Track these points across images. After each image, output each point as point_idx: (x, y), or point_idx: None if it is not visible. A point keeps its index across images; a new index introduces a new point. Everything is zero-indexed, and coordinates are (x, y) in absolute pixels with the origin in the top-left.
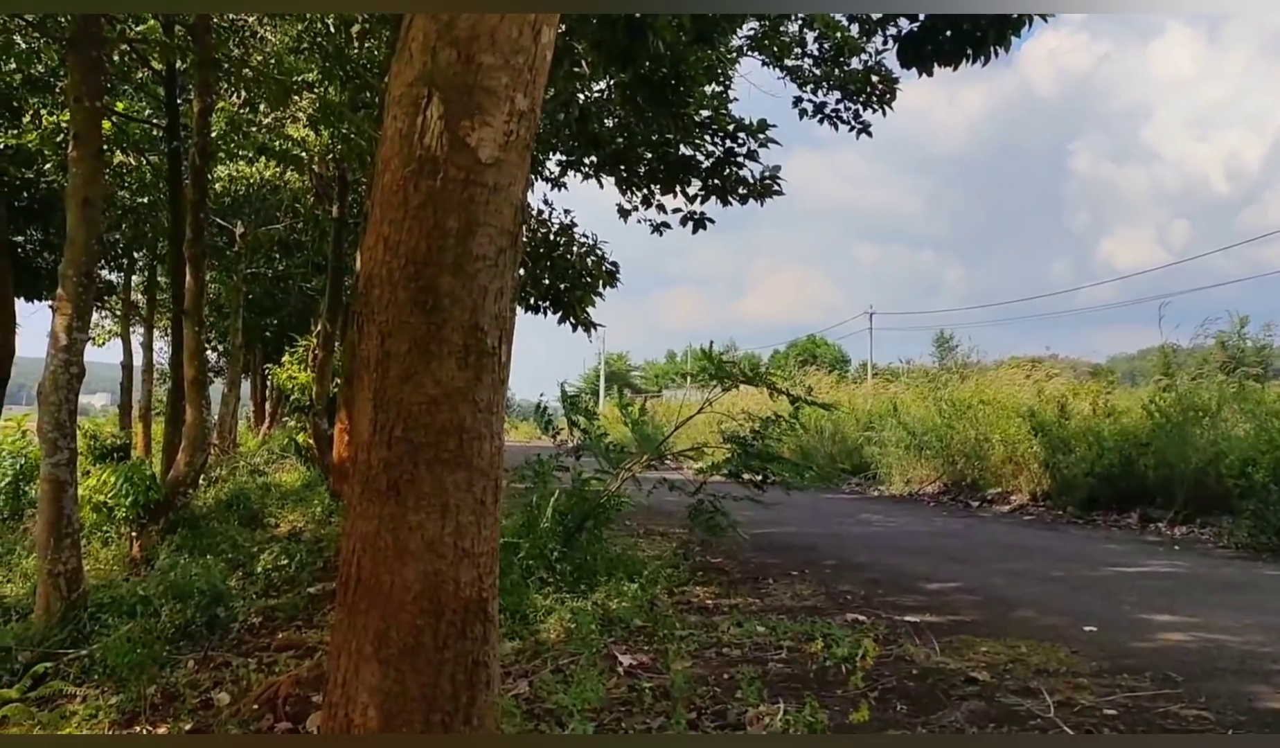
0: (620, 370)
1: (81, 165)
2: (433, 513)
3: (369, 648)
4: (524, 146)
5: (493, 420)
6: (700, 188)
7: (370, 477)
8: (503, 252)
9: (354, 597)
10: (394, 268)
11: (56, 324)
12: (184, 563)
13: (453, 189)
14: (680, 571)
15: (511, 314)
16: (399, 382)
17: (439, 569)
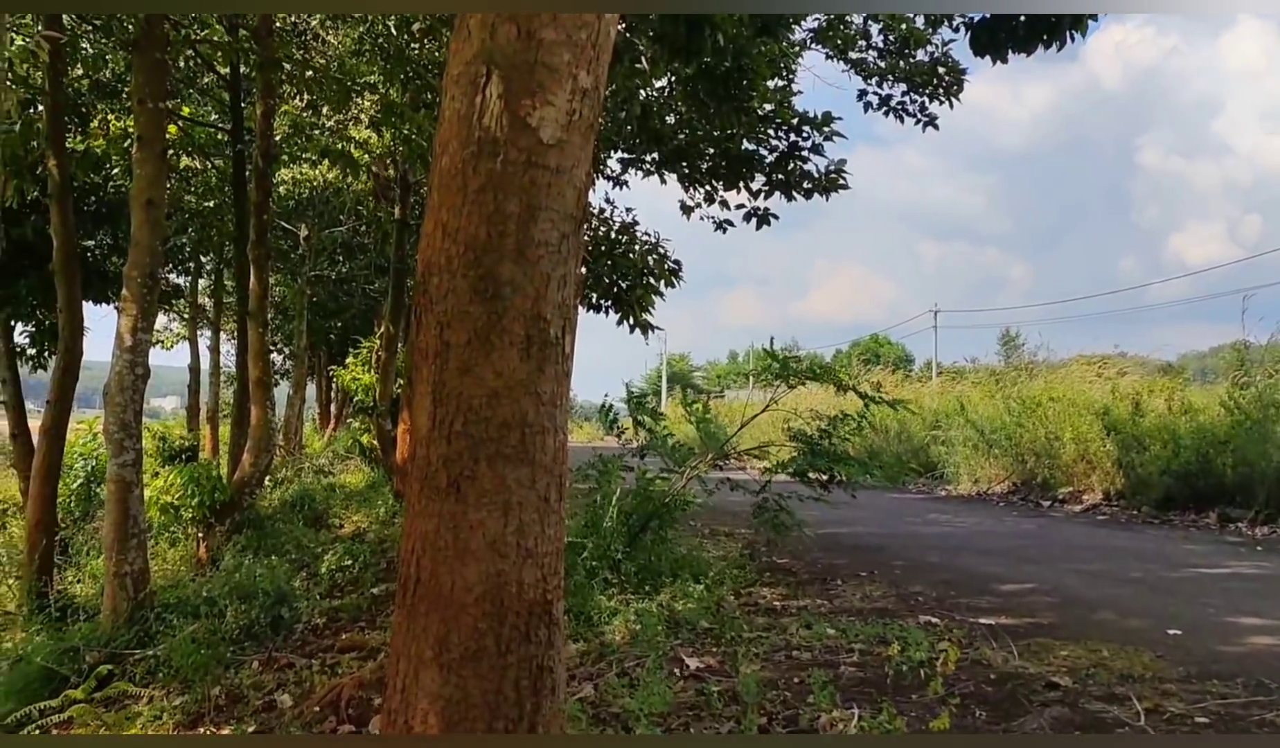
0: (682, 371)
1: (145, 167)
2: (494, 511)
3: (429, 652)
4: (587, 127)
5: (556, 414)
6: (764, 183)
7: (429, 473)
8: (566, 237)
9: (413, 599)
10: (453, 255)
11: (122, 325)
12: (249, 564)
13: (513, 172)
14: (746, 571)
15: (575, 304)
16: (458, 374)
17: (501, 570)
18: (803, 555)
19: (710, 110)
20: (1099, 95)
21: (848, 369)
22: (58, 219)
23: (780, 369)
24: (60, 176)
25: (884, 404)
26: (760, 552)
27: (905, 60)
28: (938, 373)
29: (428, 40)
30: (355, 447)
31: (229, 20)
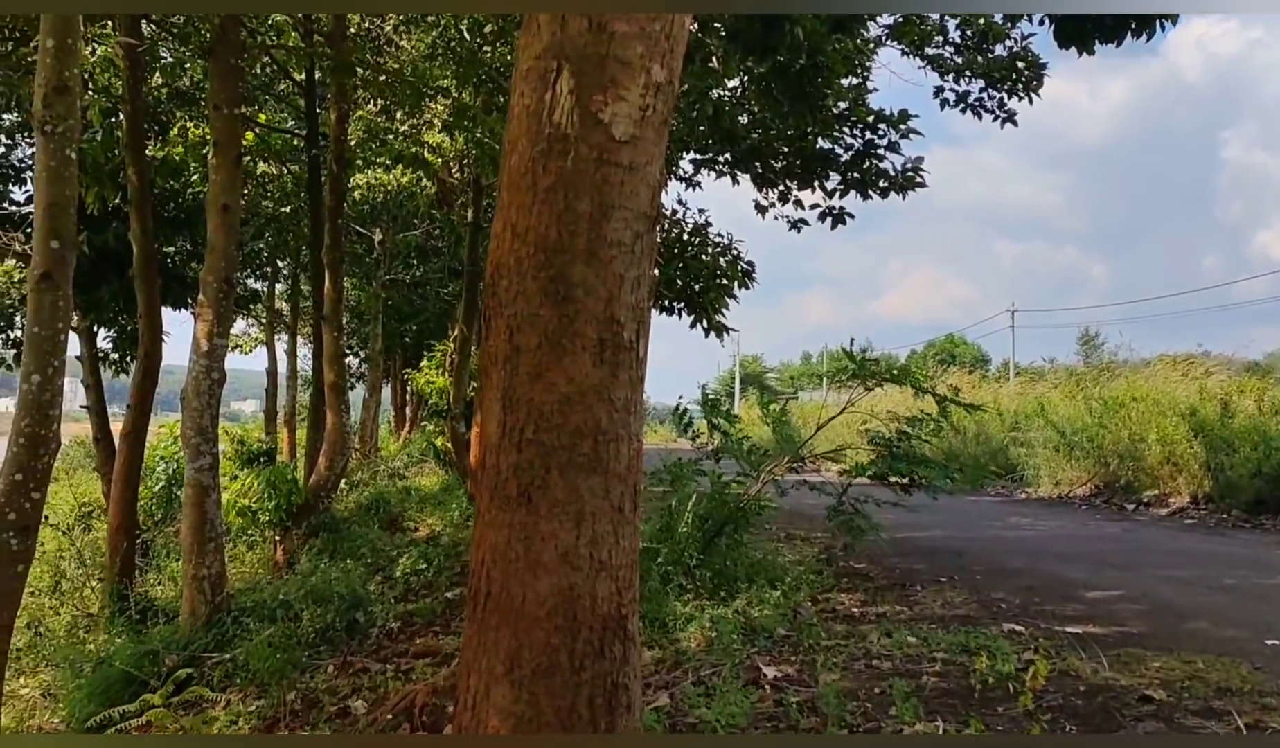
0: (755, 373)
1: (221, 172)
2: (566, 522)
3: (500, 668)
4: (661, 123)
5: (630, 421)
6: (839, 182)
7: (499, 482)
8: (639, 237)
9: (484, 612)
10: (522, 256)
11: (198, 330)
12: (324, 567)
13: (585, 169)
14: (824, 576)
15: (649, 306)
16: (529, 379)
17: (574, 583)
18: (880, 560)
19: (784, 109)
20: (1180, 89)
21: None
22: (137, 226)
23: (857, 370)
24: (139, 183)
25: (961, 406)
26: (837, 556)
27: (983, 55)
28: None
29: (500, 43)
30: (429, 450)
31: (304, 26)
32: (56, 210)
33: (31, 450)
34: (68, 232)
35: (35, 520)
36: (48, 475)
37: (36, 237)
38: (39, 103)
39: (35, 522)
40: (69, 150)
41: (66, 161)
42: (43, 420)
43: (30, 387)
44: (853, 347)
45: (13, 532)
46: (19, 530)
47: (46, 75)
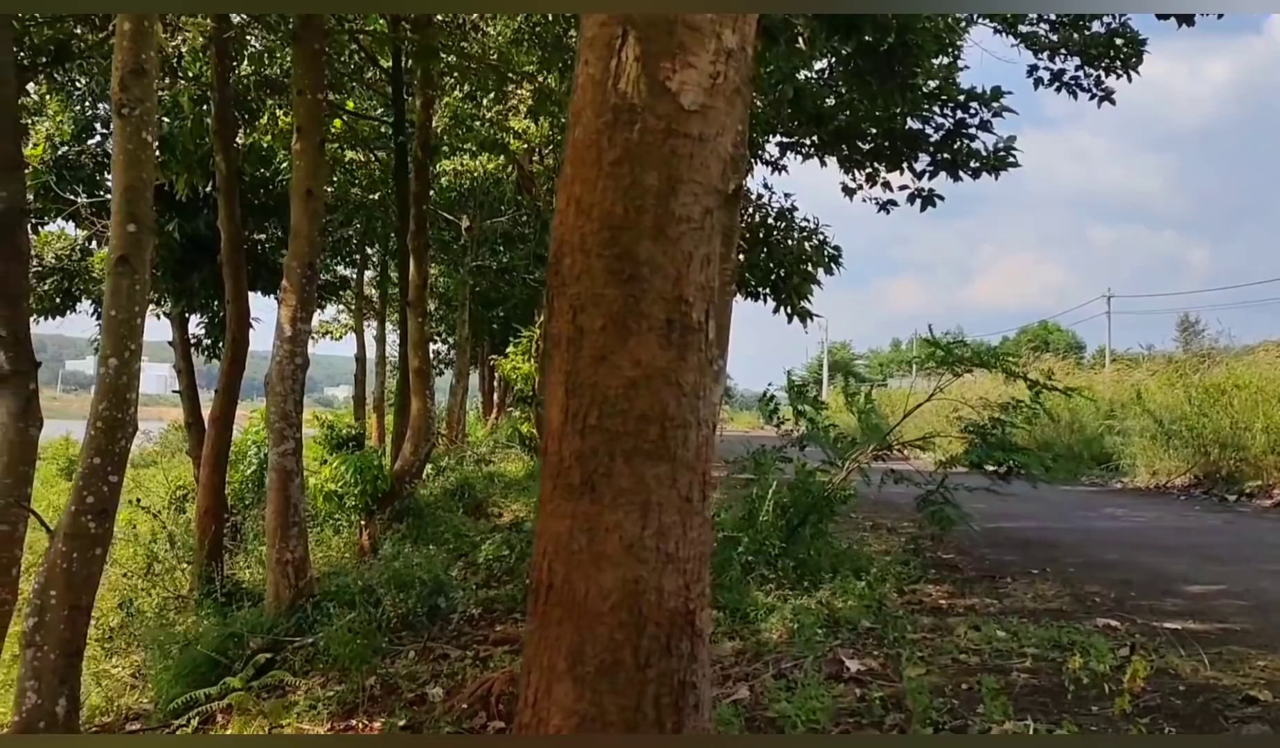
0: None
1: (304, 157)
2: (632, 512)
3: (562, 664)
4: (733, 92)
5: (699, 406)
6: (928, 163)
7: (561, 471)
8: (709, 212)
9: (545, 606)
10: (586, 233)
11: (282, 315)
12: (407, 552)
13: (652, 141)
14: (910, 567)
15: (724, 287)
16: (593, 362)
17: (639, 576)
18: (970, 551)
19: (872, 89)
20: None
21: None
22: (224, 212)
23: (944, 356)
24: (227, 170)
25: (1055, 391)
26: (925, 547)
27: (1080, 32)
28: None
29: None
30: (515, 435)
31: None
32: (133, 194)
33: (109, 434)
34: (145, 215)
35: (113, 504)
36: (125, 459)
37: (114, 220)
38: (116, 85)
39: (113, 505)
40: (146, 133)
41: (144, 145)
42: (120, 404)
43: (107, 370)
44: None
45: (91, 515)
46: (97, 514)
47: (123, 58)
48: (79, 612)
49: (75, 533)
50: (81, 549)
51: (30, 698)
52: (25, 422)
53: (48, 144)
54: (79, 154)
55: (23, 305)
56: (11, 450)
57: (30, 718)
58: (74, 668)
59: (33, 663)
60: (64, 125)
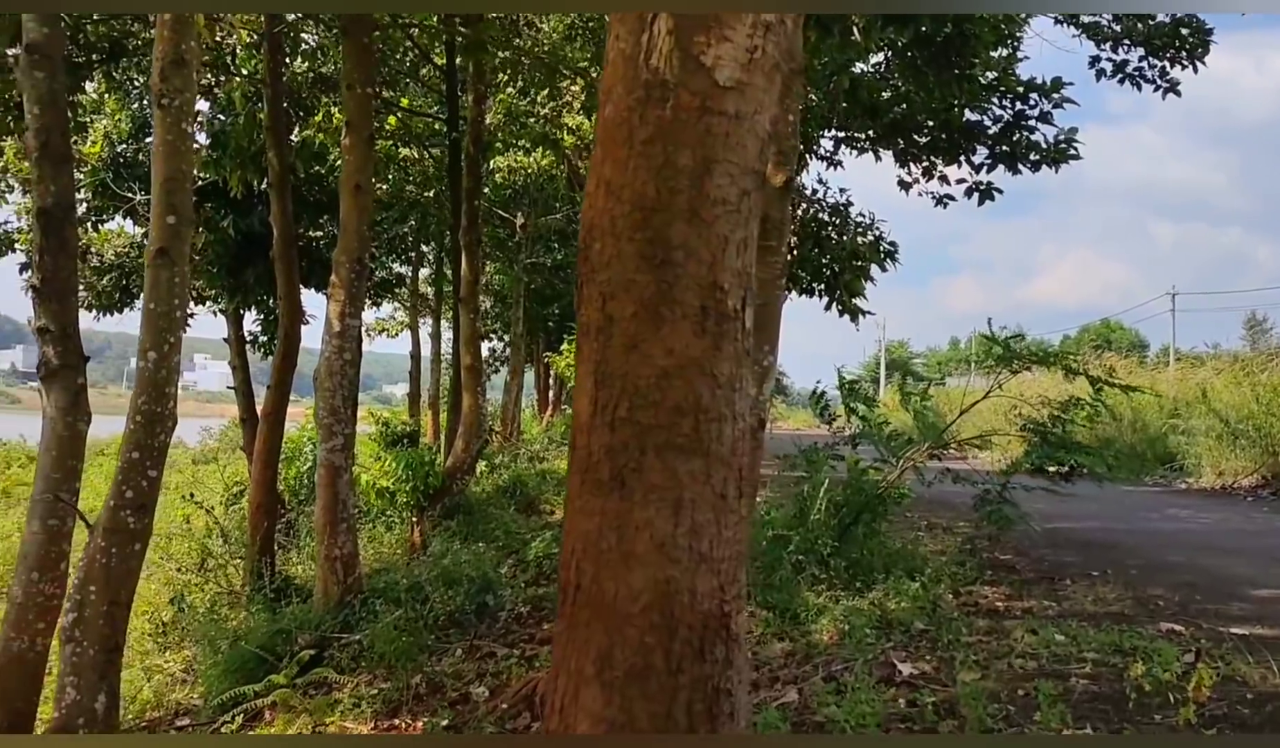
0: (901, 358)
1: (354, 152)
2: (663, 509)
3: (590, 669)
4: (772, 67)
5: (735, 399)
6: (986, 156)
7: (590, 465)
8: (746, 194)
9: (573, 608)
10: (617, 216)
11: (330, 311)
12: (455, 549)
13: (685, 119)
14: (966, 568)
15: (775, 281)
16: (623, 352)
17: (671, 576)
18: (1028, 552)
19: (929, 81)
20: None
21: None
22: (277, 208)
23: (1002, 354)
24: (279, 166)
25: (1117, 388)
26: (981, 547)
27: (1144, 21)
28: (1175, 359)
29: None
30: (568, 433)
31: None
32: (173, 185)
33: (148, 429)
34: (185, 207)
35: (152, 499)
36: (164, 454)
37: (154, 212)
38: (156, 76)
39: (152, 501)
40: (186, 124)
41: (184, 136)
42: (159, 398)
43: (147, 364)
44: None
45: (130, 510)
46: (136, 509)
47: (164, 48)
48: (118, 607)
49: (114, 528)
50: (120, 545)
51: (70, 694)
52: (74, 416)
53: (105, 142)
54: (136, 151)
55: (71, 300)
56: (60, 445)
57: (70, 714)
58: (113, 664)
59: (72, 659)
60: (121, 123)
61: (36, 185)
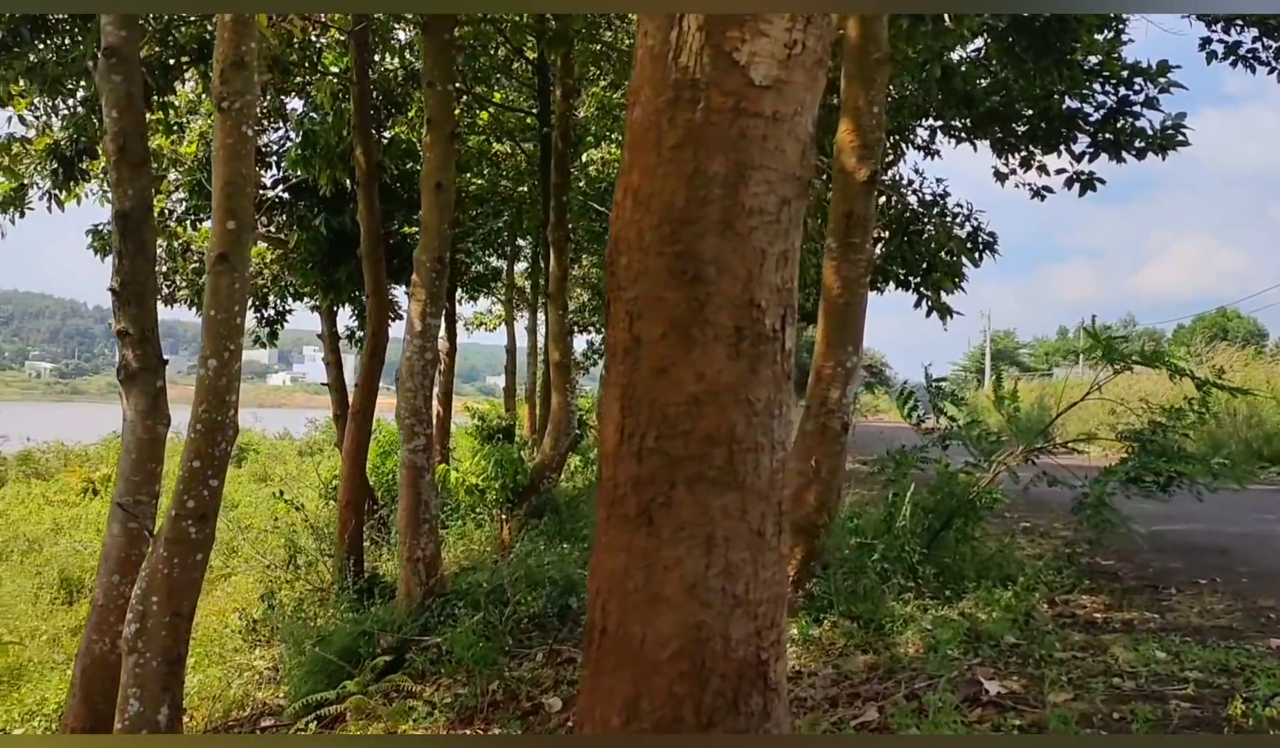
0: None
1: (434, 149)
2: (694, 547)
3: (616, 719)
4: (814, 63)
5: (774, 427)
6: (1088, 144)
7: (616, 499)
8: (786, 203)
9: (599, 652)
10: (645, 228)
11: (411, 310)
12: (540, 549)
13: (718, 122)
14: (1064, 576)
15: (859, 280)
16: (651, 376)
17: (703, 621)
18: (1131, 557)
19: (1027, 67)
20: None
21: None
22: (364, 206)
23: (1105, 351)
24: (366, 164)
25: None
26: (1081, 552)
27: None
28: None
29: None
30: None
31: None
32: (233, 189)
33: (209, 437)
34: (245, 211)
35: (213, 509)
36: (225, 463)
37: (214, 217)
38: (216, 78)
39: (214, 509)
40: (246, 128)
41: (244, 139)
42: (219, 406)
43: (207, 372)
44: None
45: (191, 520)
46: (197, 519)
47: (224, 50)
48: (180, 619)
49: (176, 538)
50: (182, 555)
51: (133, 706)
52: (153, 419)
53: (201, 142)
54: None
55: (150, 303)
56: (140, 448)
57: (133, 726)
58: (175, 675)
59: (135, 670)
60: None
61: (115, 188)
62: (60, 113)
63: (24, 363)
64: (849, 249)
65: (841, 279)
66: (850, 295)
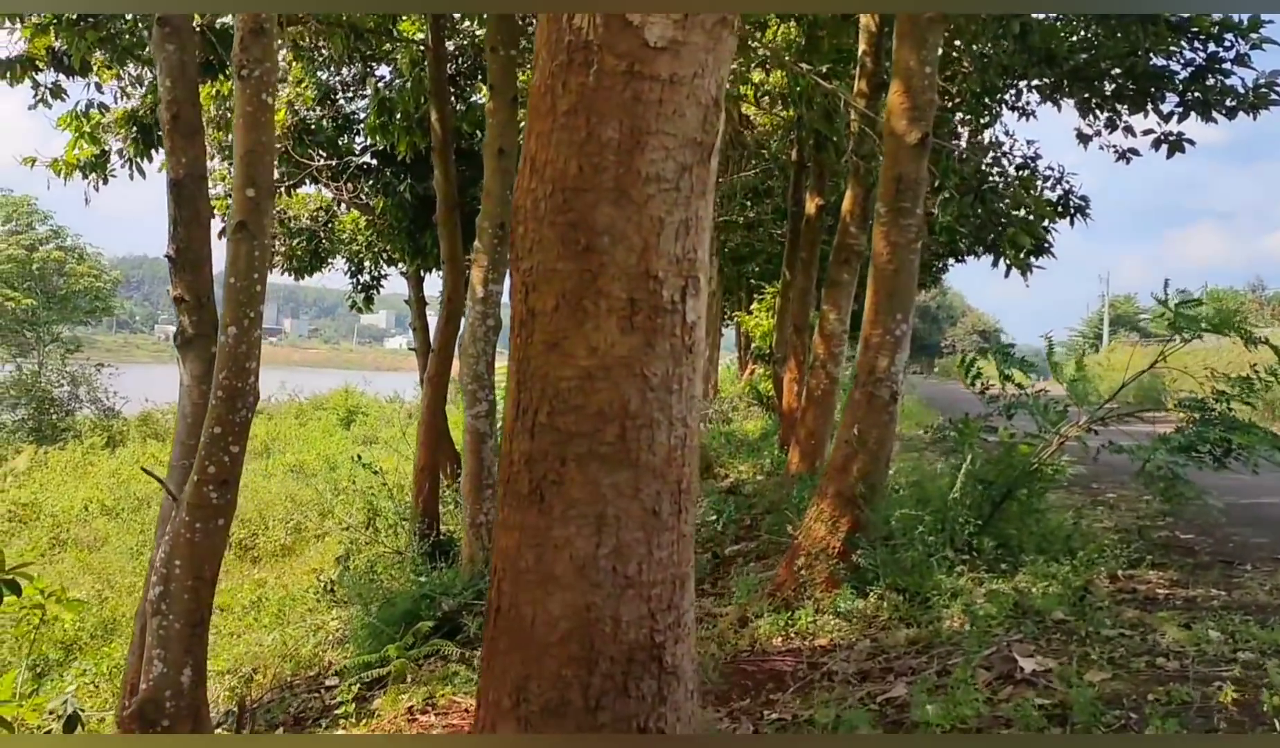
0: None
1: (497, 115)
2: (585, 526)
3: (506, 701)
4: (716, 22)
5: (672, 402)
6: (1176, 103)
7: (511, 475)
8: (686, 170)
9: (494, 632)
10: (539, 197)
11: (474, 277)
12: None
13: (611, 85)
14: (1133, 549)
15: (909, 245)
16: (544, 350)
17: (592, 602)
18: (1213, 531)
19: (1112, 23)
20: None
21: None
22: (440, 172)
23: (1174, 319)
24: (442, 131)
25: None
26: (1158, 526)
27: None
28: None
29: None
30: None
31: None
32: (253, 158)
33: (229, 404)
34: (264, 179)
35: (234, 475)
36: (246, 430)
37: (235, 185)
38: (236, 46)
39: (235, 476)
40: (265, 95)
41: (263, 107)
42: (240, 373)
43: (227, 339)
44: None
45: (212, 486)
46: (218, 484)
47: (244, 17)
48: (202, 583)
49: (198, 503)
50: (204, 520)
51: (156, 667)
52: (208, 384)
53: (289, 109)
54: (320, 118)
55: (205, 270)
56: (195, 413)
57: (157, 686)
58: (198, 638)
59: (159, 632)
60: (307, 90)
61: (169, 157)
62: (143, 81)
63: (154, 327)
64: (898, 214)
65: (890, 245)
66: (900, 262)
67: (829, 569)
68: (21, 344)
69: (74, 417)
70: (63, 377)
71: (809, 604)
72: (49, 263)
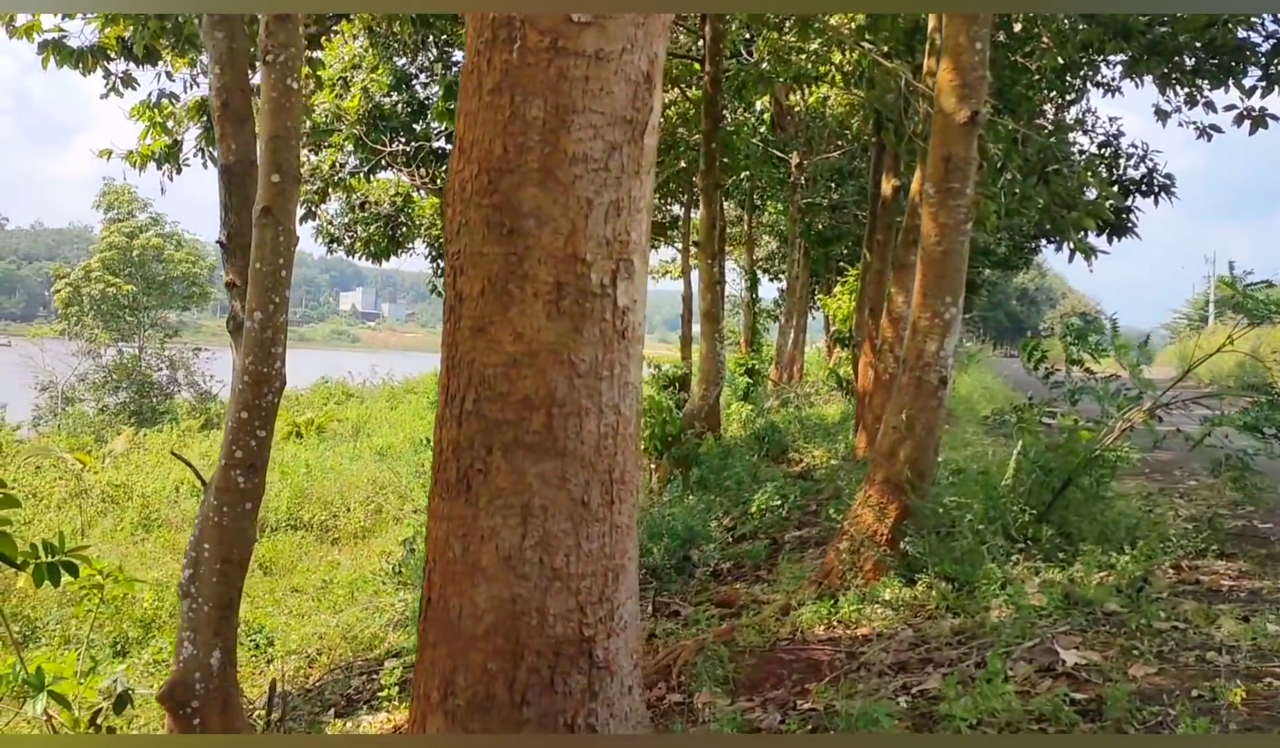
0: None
1: None
2: (511, 517)
3: (435, 694)
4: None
5: (602, 389)
6: (1259, 78)
7: (441, 464)
8: (615, 149)
9: (425, 624)
10: (466, 179)
11: None
12: (668, 500)
13: (535, 62)
14: (1201, 538)
15: (959, 226)
16: (471, 335)
17: (518, 594)
18: None
19: None
20: None
21: None
22: None
23: (1241, 301)
24: None
25: None
26: (1232, 515)
27: None
28: None
29: None
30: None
31: None
32: (278, 143)
33: (255, 389)
34: (289, 165)
35: (262, 460)
36: (273, 414)
37: (260, 171)
38: (262, 31)
39: (262, 461)
40: (290, 80)
41: (288, 92)
42: (265, 359)
43: (253, 324)
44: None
45: (240, 470)
46: (245, 469)
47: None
48: (231, 566)
49: (226, 487)
50: (232, 503)
51: (186, 649)
52: None
53: (364, 96)
54: (395, 105)
55: None
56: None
57: (187, 668)
58: (228, 621)
59: (189, 615)
60: (382, 77)
61: (219, 144)
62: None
63: None
64: (948, 195)
65: (939, 226)
66: (949, 243)
67: (876, 557)
68: (123, 329)
69: (172, 400)
70: (162, 361)
71: (853, 592)
72: (149, 249)
